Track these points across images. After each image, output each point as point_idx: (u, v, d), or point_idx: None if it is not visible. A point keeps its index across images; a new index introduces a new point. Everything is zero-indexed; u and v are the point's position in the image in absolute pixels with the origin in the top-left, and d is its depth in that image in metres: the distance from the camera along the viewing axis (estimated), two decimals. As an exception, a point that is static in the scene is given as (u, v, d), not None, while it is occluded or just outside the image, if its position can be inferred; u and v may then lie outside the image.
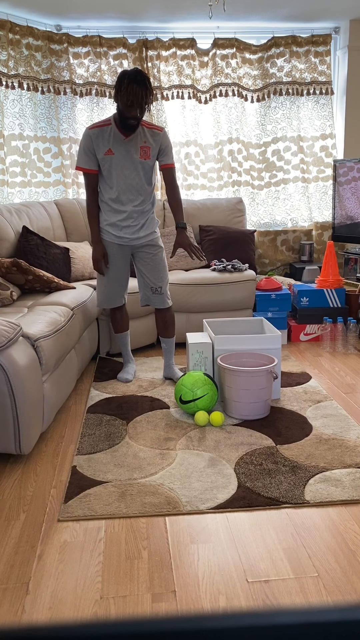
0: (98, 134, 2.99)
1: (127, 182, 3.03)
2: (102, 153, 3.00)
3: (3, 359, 2.17)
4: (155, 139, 3.05)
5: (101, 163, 3.03)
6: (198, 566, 1.69)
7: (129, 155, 3.00)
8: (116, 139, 2.99)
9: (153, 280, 3.22)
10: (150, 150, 3.04)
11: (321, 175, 4.99)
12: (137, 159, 3.02)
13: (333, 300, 4.19)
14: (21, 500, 2.09)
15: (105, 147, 2.99)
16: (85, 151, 3.02)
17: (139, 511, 1.97)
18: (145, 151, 3.03)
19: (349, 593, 1.56)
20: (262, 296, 4.09)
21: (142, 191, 3.07)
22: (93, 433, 2.65)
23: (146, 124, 3.06)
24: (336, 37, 4.84)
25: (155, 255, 3.20)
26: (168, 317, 3.32)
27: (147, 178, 3.08)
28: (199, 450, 2.44)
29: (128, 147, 3.00)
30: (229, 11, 4.31)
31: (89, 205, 3.13)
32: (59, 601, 1.56)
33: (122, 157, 3.00)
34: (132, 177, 3.03)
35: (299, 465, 2.28)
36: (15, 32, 4.26)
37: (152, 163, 3.07)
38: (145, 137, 3.03)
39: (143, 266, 3.22)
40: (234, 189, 4.93)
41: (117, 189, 3.04)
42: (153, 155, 3.06)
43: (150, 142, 3.04)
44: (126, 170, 3.02)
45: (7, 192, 4.34)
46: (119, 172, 3.01)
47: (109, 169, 3.02)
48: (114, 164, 3.00)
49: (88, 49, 4.55)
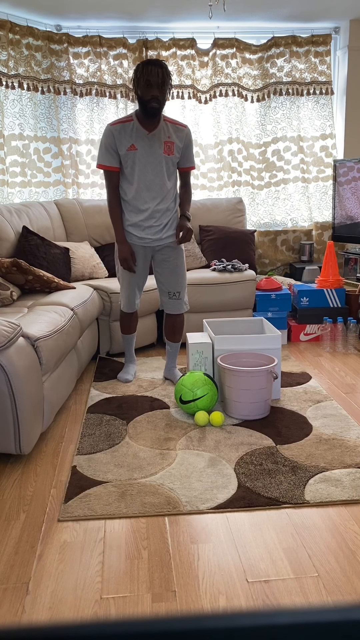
0: (120, 130, 2.90)
1: (150, 178, 2.94)
2: (125, 148, 2.90)
3: (3, 359, 2.17)
4: (179, 135, 2.97)
5: (124, 159, 2.93)
6: (198, 566, 1.69)
7: (153, 150, 2.91)
8: (139, 134, 2.90)
9: (171, 285, 3.15)
10: (174, 146, 2.96)
11: (321, 175, 4.99)
12: (161, 154, 2.93)
13: (333, 300, 4.19)
14: (21, 500, 2.09)
15: (128, 142, 2.90)
16: (107, 148, 2.93)
17: (139, 511, 1.97)
18: (169, 146, 2.94)
19: (349, 593, 1.56)
20: (262, 296, 4.09)
21: (164, 188, 2.98)
22: (93, 433, 2.65)
23: (169, 120, 2.98)
24: (336, 37, 4.84)
25: (175, 259, 3.11)
26: (178, 322, 3.28)
27: (169, 174, 2.99)
28: (199, 450, 2.44)
29: (151, 142, 2.91)
30: (229, 11, 4.31)
31: (111, 203, 3.03)
32: (59, 601, 1.56)
33: (145, 152, 2.91)
34: (155, 173, 2.94)
35: (299, 465, 2.28)
36: (15, 32, 4.26)
37: (175, 159, 2.99)
38: (169, 132, 2.95)
39: (162, 269, 3.14)
40: (234, 189, 4.93)
41: (138, 186, 2.95)
42: (177, 151, 2.97)
43: (173, 137, 2.96)
44: (149, 166, 2.92)
45: (7, 192, 4.34)
46: (142, 168, 2.92)
47: (132, 165, 2.92)
48: (137, 159, 2.91)
49: (88, 49, 4.55)
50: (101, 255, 4.36)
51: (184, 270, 3.17)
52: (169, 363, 3.38)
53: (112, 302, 3.70)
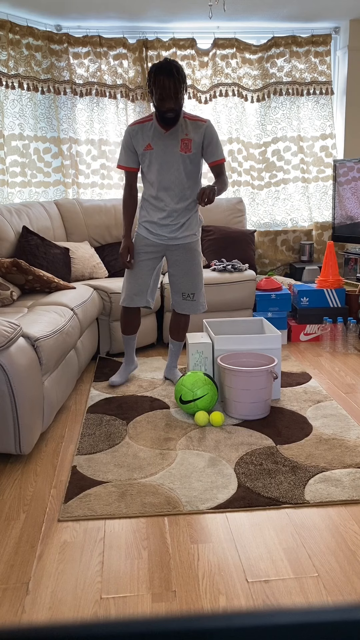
0: (138, 130, 2.92)
1: (167, 177, 2.91)
2: (142, 148, 2.92)
3: (3, 359, 2.17)
4: (197, 131, 2.90)
5: (141, 159, 2.95)
6: (198, 566, 1.69)
7: (169, 149, 2.89)
8: (156, 134, 2.90)
9: (185, 286, 3.11)
10: (192, 143, 2.89)
11: (321, 175, 4.99)
12: (177, 153, 2.89)
13: (333, 300, 4.19)
14: (21, 500, 2.09)
15: (145, 142, 2.91)
16: (125, 149, 2.97)
17: (139, 511, 1.97)
18: (186, 144, 2.88)
19: (349, 593, 1.56)
20: (262, 296, 4.09)
21: (182, 187, 2.93)
22: (93, 433, 2.65)
23: (189, 116, 2.93)
24: (336, 37, 4.84)
25: (189, 260, 3.07)
26: (183, 322, 3.26)
27: (187, 173, 2.93)
28: (199, 450, 2.44)
29: (168, 141, 2.89)
30: (229, 11, 4.31)
31: (124, 200, 3.07)
32: (59, 601, 1.56)
33: (161, 151, 2.89)
34: (172, 171, 2.91)
35: (299, 465, 2.28)
36: (15, 32, 4.26)
37: (194, 157, 2.92)
38: (187, 129, 2.90)
39: (175, 270, 3.10)
40: (234, 189, 4.93)
41: (156, 185, 2.94)
42: (195, 148, 2.90)
43: (191, 134, 2.90)
44: (165, 165, 2.90)
45: (7, 192, 4.34)
46: (159, 167, 2.91)
47: (149, 165, 2.93)
48: (154, 158, 2.91)
49: (88, 49, 4.55)
50: (101, 255, 4.36)
51: (200, 271, 3.12)
52: (170, 362, 3.37)
53: (112, 302, 3.70)
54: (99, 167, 4.76)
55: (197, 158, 2.94)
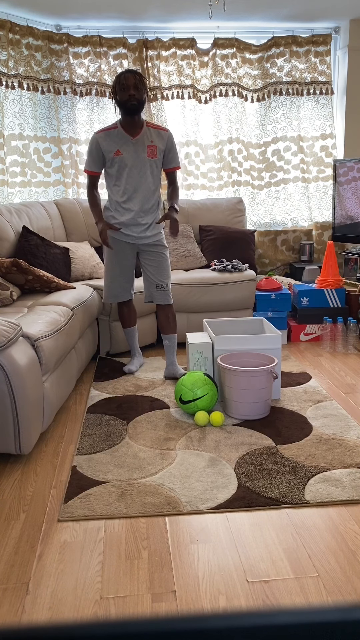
0: (105, 137, 3.16)
1: (136, 181, 3.16)
2: (111, 154, 3.14)
3: (3, 359, 2.17)
4: (160, 139, 3.20)
5: (110, 164, 3.17)
6: (198, 566, 1.69)
7: (137, 154, 3.14)
8: (123, 140, 3.14)
9: (158, 277, 3.32)
10: (157, 149, 3.18)
11: (321, 175, 4.99)
12: (145, 158, 3.15)
13: (333, 300, 4.19)
14: (21, 500, 2.09)
15: (114, 148, 3.14)
16: (91, 154, 3.19)
17: (139, 511, 1.97)
18: (152, 150, 3.16)
19: (349, 593, 1.56)
20: (262, 296, 4.09)
21: (148, 189, 3.19)
22: (93, 433, 2.65)
23: (152, 125, 3.22)
24: (336, 37, 4.84)
25: (160, 254, 3.31)
26: (171, 314, 3.40)
27: (154, 177, 3.20)
28: (199, 450, 2.44)
29: (136, 147, 3.14)
30: (229, 11, 4.31)
31: (91, 198, 3.29)
32: (59, 601, 1.56)
33: (130, 156, 3.14)
34: (141, 175, 3.16)
35: (299, 465, 2.28)
36: (15, 32, 4.26)
37: (159, 162, 3.21)
38: (152, 136, 3.18)
39: (149, 264, 3.32)
40: (234, 189, 4.93)
41: (125, 189, 3.17)
42: (159, 154, 3.20)
43: (156, 141, 3.18)
44: (135, 170, 3.15)
45: (7, 192, 4.34)
46: (128, 172, 3.15)
47: (118, 169, 3.15)
48: (123, 163, 3.14)
49: (88, 49, 4.55)
50: (101, 256, 4.36)
51: (168, 264, 3.37)
52: (169, 360, 3.39)
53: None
54: (99, 167, 4.76)
55: (160, 163, 3.22)
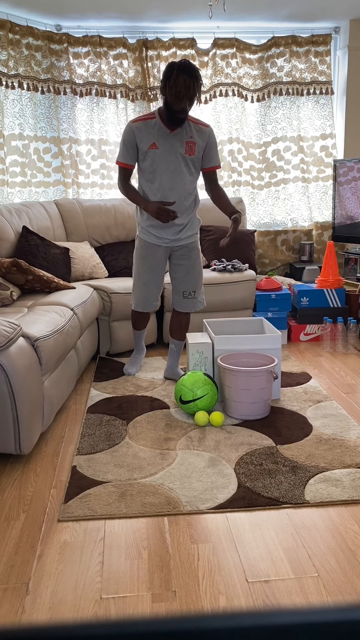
0: (141, 127, 2.87)
1: (171, 177, 2.91)
2: (146, 146, 2.88)
3: (3, 359, 2.17)
4: (201, 135, 2.94)
5: (144, 157, 2.90)
6: (198, 566, 1.69)
7: (174, 149, 2.88)
8: (161, 133, 2.87)
9: (187, 285, 3.16)
10: (196, 146, 2.93)
11: (321, 175, 4.99)
12: (181, 154, 2.90)
13: (333, 300, 4.19)
14: (21, 500, 2.09)
15: (150, 140, 2.87)
16: (126, 145, 2.91)
17: (139, 511, 1.97)
18: (190, 146, 2.91)
19: (349, 593, 1.56)
20: (262, 296, 4.09)
21: (185, 188, 2.95)
22: (93, 433, 2.65)
23: (192, 119, 2.95)
24: (336, 37, 4.84)
25: (192, 258, 3.11)
26: (185, 320, 3.30)
27: (190, 175, 2.95)
28: (199, 450, 2.44)
29: (173, 142, 2.88)
30: (229, 11, 4.31)
31: (123, 187, 2.99)
32: (59, 601, 1.56)
33: (166, 151, 2.88)
34: (176, 173, 2.91)
35: (299, 465, 2.28)
36: (15, 32, 4.26)
37: (197, 160, 2.95)
38: (191, 132, 2.92)
39: (178, 269, 3.14)
40: (234, 189, 4.93)
41: (159, 185, 2.92)
42: (198, 151, 2.94)
43: (196, 137, 2.92)
44: (170, 166, 2.89)
45: (7, 192, 4.34)
46: (163, 167, 2.89)
47: (152, 164, 2.89)
48: (158, 158, 2.88)
49: (88, 49, 4.55)
50: (101, 255, 4.36)
51: (200, 269, 3.19)
52: (171, 363, 3.37)
53: (112, 302, 3.69)
54: (99, 167, 4.76)
55: (199, 161, 2.97)
